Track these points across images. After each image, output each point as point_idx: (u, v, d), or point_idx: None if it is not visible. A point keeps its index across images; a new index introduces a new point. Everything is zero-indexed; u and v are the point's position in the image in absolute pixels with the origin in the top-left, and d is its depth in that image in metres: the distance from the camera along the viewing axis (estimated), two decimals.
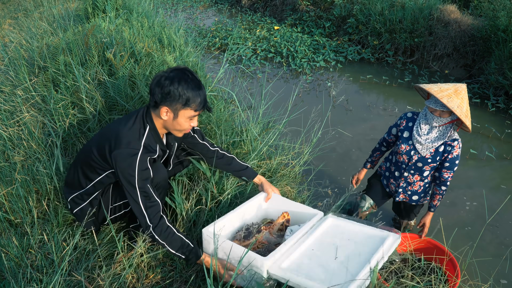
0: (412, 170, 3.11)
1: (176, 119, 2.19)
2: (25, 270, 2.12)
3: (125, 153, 2.12)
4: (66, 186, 2.46)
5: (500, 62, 6.06)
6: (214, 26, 9.26)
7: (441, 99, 2.70)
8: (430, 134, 2.94)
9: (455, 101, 2.71)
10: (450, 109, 2.69)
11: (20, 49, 4.11)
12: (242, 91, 4.14)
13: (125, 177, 2.12)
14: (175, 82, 2.11)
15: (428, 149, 2.97)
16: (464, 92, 2.79)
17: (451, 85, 2.81)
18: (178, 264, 2.34)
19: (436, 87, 2.80)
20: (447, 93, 2.73)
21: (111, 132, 2.22)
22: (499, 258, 3.34)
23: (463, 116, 2.71)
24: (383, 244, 2.17)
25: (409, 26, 7.24)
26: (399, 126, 3.15)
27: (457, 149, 2.92)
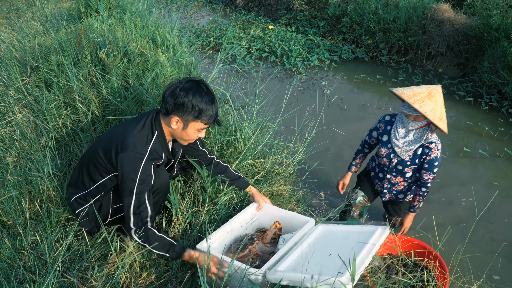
0: (394, 172, 3.14)
1: (185, 129, 2.21)
2: (18, 271, 2.11)
3: (131, 157, 2.13)
4: (70, 186, 2.46)
5: (493, 60, 6.09)
6: (208, 26, 9.24)
7: (413, 104, 2.70)
8: (407, 137, 2.94)
9: (428, 105, 2.71)
10: (423, 114, 2.69)
11: (12, 49, 4.08)
12: (236, 91, 4.13)
13: (126, 179, 2.13)
14: (189, 94, 2.12)
15: (406, 152, 2.98)
16: (439, 94, 2.78)
17: (425, 87, 2.81)
18: (173, 264, 2.33)
19: (409, 91, 2.79)
20: (420, 97, 2.72)
21: (118, 135, 2.22)
22: (492, 254, 3.36)
23: (437, 120, 2.71)
24: (373, 235, 2.24)
25: (403, 25, 7.26)
26: (379, 130, 3.17)
27: (435, 151, 2.92)
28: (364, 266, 2.01)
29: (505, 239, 3.60)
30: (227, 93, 3.48)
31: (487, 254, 3.37)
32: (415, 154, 2.98)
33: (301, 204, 3.23)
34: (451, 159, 4.71)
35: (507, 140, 5.01)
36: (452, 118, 5.57)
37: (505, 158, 4.70)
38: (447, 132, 2.80)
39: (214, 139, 3.12)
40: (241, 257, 2.31)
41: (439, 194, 4.15)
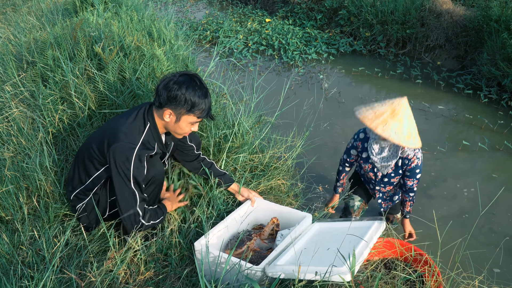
0: (382, 183, 3.15)
1: (178, 122, 2.24)
2: (16, 267, 2.10)
3: (123, 147, 2.14)
4: (67, 185, 2.47)
5: (492, 52, 6.07)
6: (205, 19, 9.19)
7: (376, 129, 2.60)
8: (382, 153, 2.92)
9: (392, 127, 2.59)
10: (387, 138, 2.60)
11: (8, 44, 4.05)
12: (234, 84, 4.11)
13: (120, 170, 2.14)
14: (183, 87, 2.15)
15: (386, 168, 2.97)
16: (404, 109, 2.65)
17: (388, 104, 2.68)
18: (172, 260, 2.32)
19: (371, 113, 2.68)
20: (382, 119, 2.62)
21: (110, 128, 2.25)
22: (493, 247, 3.36)
23: (404, 140, 2.60)
24: (369, 229, 2.26)
25: (401, 18, 7.22)
26: (357, 148, 3.14)
27: (415, 160, 2.90)
28: (362, 258, 2.02)
29: (507, 232, 3.60)
30: (225, 87, 3.46)
31: (488, 247, 3.37)
32: (396, 166, 2.98)
33: (299, 198, 3.22)
34: (450, 152, 4.71)
35: (507, 133, 5.01)
36: (451, 111, 5.56)
37: (504, 151, 4.69)
38: (420, 145, 2.72)
39: (211, 133, 3.10)
40: (239, 254, 2.31)
41: (440, 187, 4.15)
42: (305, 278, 1.93)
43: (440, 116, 5.47)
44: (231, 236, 2.56)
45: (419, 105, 5.70)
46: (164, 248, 2.39)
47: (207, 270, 2.24)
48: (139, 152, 2.17)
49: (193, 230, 2.46)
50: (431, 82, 6.36)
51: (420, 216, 3.52)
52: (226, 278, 2.15)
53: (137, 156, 2.16)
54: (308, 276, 1.93)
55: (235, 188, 2.74)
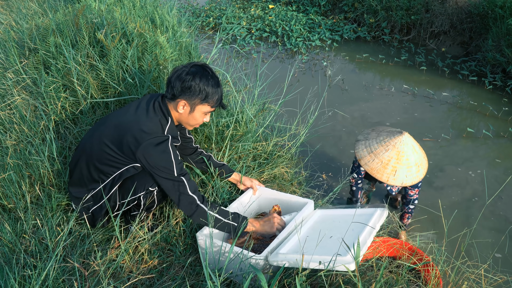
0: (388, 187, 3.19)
1: (192, 113, 2.25)
2: (19, 255, 2.10)
3: (156, 142, 2.13)
4: (74, 186, 2.39)
5: (497, 39, 6.00)
6: (208, 5, 9.11)
7: (387, 181, 2.69)
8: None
9: (402, 173, 2.68)
10: (400, 186, 2.71)
11: (10, 31, 4.02)
12: (237, 72, 4.08)
13: (161, 164, 2.13)
14: (196, 77, 2.16)
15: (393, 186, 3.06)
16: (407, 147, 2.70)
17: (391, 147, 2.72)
18: (176, 249, 2.32)
19: (377, 161, 2.72)
20: (390, 169, 2.68)
21: (130, 126, 2.18)
22: (499, 234, 3.34)
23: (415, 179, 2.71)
24: (372, 217, 2.25)
25: (405, 3, 7.14)
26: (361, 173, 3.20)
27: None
28: (366, 246, 2.01)
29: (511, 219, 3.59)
30: (228, 74, 3.43)
31: (494, 234, 3.36)
32: None
33: (303, 186, 3.22)
34: (454, 139, 4.68)
35: (511, 120, 4.97)
36: (456, 98, 5.52)
37: (509, 138, 4.66)
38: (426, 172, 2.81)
39: (215, 121, 3.08)
40: (241, 243, 2.30)
41: (445, 175, 4.13)
42: (309, 267, 1.93)
43: (445, 103, 5.42)
44: None
45: (423, 92, 5.66)
46: (169, 237, 2.39)
47: (211, 259, 2.23)
48: (171, 143, 2.18)
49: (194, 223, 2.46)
50: (436, 69, 6.30)
51: (425, 205, 3.51)
52: (229, 267, 2.15)
53: (172, 146, 2.17)
54: (312, 265, 1.93)
55: (236, 178, 2.73)
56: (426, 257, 2.37)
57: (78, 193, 2.36)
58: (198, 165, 2.71)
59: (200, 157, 2.69)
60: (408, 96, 5.59)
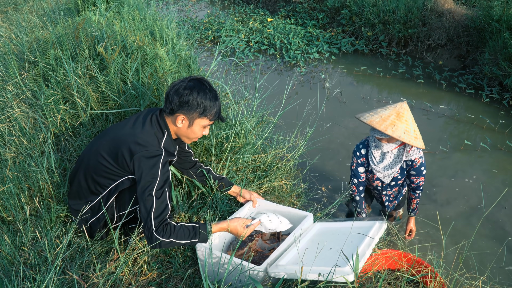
0: (389, 188, 3.17)
1: (191, 127, 2.25)
2: (18, 268, 2.09)
3: (148, 154, 2.13)
4: (73, 199, 2.39)
5: (494, 52, 6.06)
6: (207, 19, 9.18)
7: (386, 131, 2.65)
8: (384, 160, 2.93)
9: (400, 127, 2.66)
10: (398, 138, 2.65)
11: (10, 44, 4.05)
12: (236, 84, 4.10)
13: (145, 179, 2.11)
14: (194, 92, 2.17)
15: (389, 176, 2.99)
16: (407, 112, 2.73)
17: (392, 108, 2.75)
18: (175, 261, 2.31)
19: (377, 116, 2.73)
20: (390, 122, 2.68)
21: (126, 138, 2.19)
22: (497, 246, 3.35)
23: (413, 140, 2.67)
24: (371, 229, 2.25)
25: (402, 17, 7.21)
26: (364, 164, 3.13)
27: (419, 159, 2.94)
28: (365, 258, 2.02)
29: (510, 232, 3.58)
30: (227, 86, 3.45)
31: (492, 246, 3.36)
32: (401, 169, 3.01)
33: (301, 198, 3.22)
34: (452, 152, 4.70)
35: (508, 133, 4.99)
36: (453, 111, 5.55)
37: (506, 150, 4.68)
38: (424, 147, 2.78)
39: (214, 133, 3.10)
40: (241, 255, 2.30)
41: (443, 187, 4.14)
42: (308, 278, 1.93)
43: (442, 115, 5.45)
44: (233, 237, 2.56)
45: (421, 105, 5.69)
46: (168, 250, 2.38)
47: (210, 271, 2.23)
48: (165, 159, 2.17)
49: None
50: (433, 82, 6.34)
51: (423, 217, 3.51)
52: (228, 279, 2.15)
53: (163, 162, 2.16)
54: (311, 276, 1.93)
55: (235, 191, 2.74)
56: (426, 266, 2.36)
57: (76, 205, 2.36)
58: (198, 178, 2.72)
59: (200, 170, 2.70)
60: None
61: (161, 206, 2.12)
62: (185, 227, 2.15)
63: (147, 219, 2.09)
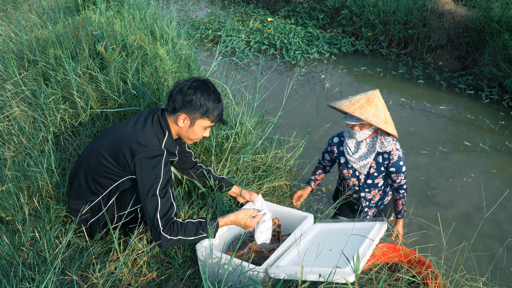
0: (366, 188, 3.04)
1: (192, 127, 2.25)
2: (17, 268, 2.08)
3: (150, 155, 2.12)
4: (73, 199, 2.38)
5: (494, 53, 6.06)
6: (207, 18, 9.17)
7: (354, 112, 2.63)
8: (359, 150, 2.87)
9: (369, 110, 2.64)
10: (366, 120, 2.61)
11: (9, 42, 4.04)
12: (236, 84, 4.09)
13: (147, 179, 2.10)
14: (198, 92, 2.17)
15: (365, 167, 2.90)
16: (378, 98, 2.71)
17: (363, 94, 2.74)
18: (175, 261, 2.31)
19: (346, 101, 2.72)
20: (359, 105, 2.66)
21: (127, 138, 2.18)
22: (497, 247, 3.34)
23: (382, 124, 2.64)
24: (372, 230, 2.24)
25: (403, 18, 7.21)
26: (333, 153, 3.06)
27: (396, 152, 2.84)
28: (365, 259, 2.01)
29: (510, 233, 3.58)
30: (227, 86, 3.45)
31: (492, 247, 3.35)
32: (377, 164, 2.90)
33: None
34: (451, 153, 4.69)
35: (508, 134, 4.99)
36: (453, 112, 5.55)
37: (506, 151, 4.68)
38: (397, 135, 2.73)
39: (214, 133, 3.09)
40: (241, 255, 2.30)
41: (443, 188, 4.14)
42: (308, 279, 1.92)
43: (442, 116, 5.45)
44: (232, 237, 2.55)
45: (420, 106, 5.69)
46: (167, 250, 2.38)
47: (210, 271, 2.22)
48: (166, 158, 2.16)
49: None
50: (433, 83, 6.34)
51: (423, 218, 3.51)
52: (228, 280, 2.14)
53: (165, 162, 2.15)
54: (311, 277, 1.92)
55: (236, 191, 2.73)
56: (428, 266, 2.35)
57: (76, 205, 2.35)
58: (198, 178, 2.71)
59: (200, 170, 2.69)
60: (406, 109, 5.62)
61: (166, 205, 2.12)
62: (192, 223, 2.15)
63: (153, 219, 2.08)
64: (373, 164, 2.89)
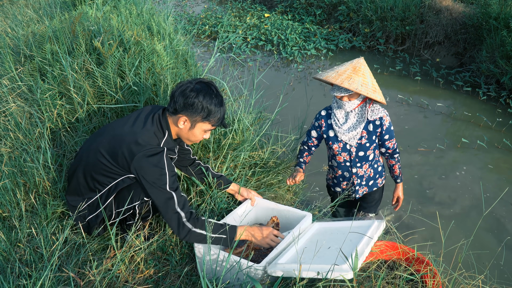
0: (358, 163, 2.94)
1: (192, 129, 2.23)
2: (14, 265, 2.07)
3: (150, 153, 2.11)
4: (71, 195, 2.38)
5: (491, 50, 6.06)
6: (204, 14, 9.14)
7: (342, 84, 2.57)
8: (348, 121, 2.81)
9: (357, 80, 2.58)
10: (354, 90, 2.56)
11: (6, 37, 4.01)
12: (233, 80, 4.08)
13: (155, 176, 2.10)
14: (200, 95, 2.15)
15: (354, 138, 2.83)
16: (364, 67, 2.66)
17: (348, 64, 2.68)
18: (172, 258, 2.30)
19: (333, 72, 2.66)
20: (346, 75, 2.60)
21: (126, 137, 2.17)
22: (495, 245, 3.35)
23: (371, 93, 2.59)
24: (370, 228, 2.24)
25: (400, 14, 7.20)
26: (321, 128, 2.98)
27: (386, 117, 2.81)
28: (364, 256, 2.01)
29: (509, 230, 3.59)
30: (224, 82, 3.43)
31: (491, 245, 3.36)
32: (369, 132, 2.82)
33: (299, 195, 3.21)
34: (449, 150, 4.70)
35: (505, 131, 5.00)
36: (450, 108, 5.55)
37: (503, 148, 4.69)
38: (385, 102, 2.69)
39: (211, 130, 3.08)
40: (239, 252, 2.29)
41: (440, 185, 4.14)
42: (306, 276, 1.92)
43: (439, 113, 5.46)
44: None
45: (417, 102, 5.69)
46: (165, 247, 2.37)
47: (208, 269, 2.22)
48: (166, 154, 2.16)
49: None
50: (430, 79, 6.35)
51: (421, 215, 3.51)
52: (226, 277, 2.13)
53: (167, 157, 2.15)
54: (309, 274, 1.92)
55: (234, 189, 2.71)
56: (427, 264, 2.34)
57: (74, 202, 2.34)
58: (196, 175, 2.70)
59: (198, 167, 2.68)
60: (403, 106, 5.62)
61: (181, 198, 2.14)
62: (214, 222, 2.18)
63: (173, 213, 2.10)
64: (364, 133, 2.83)
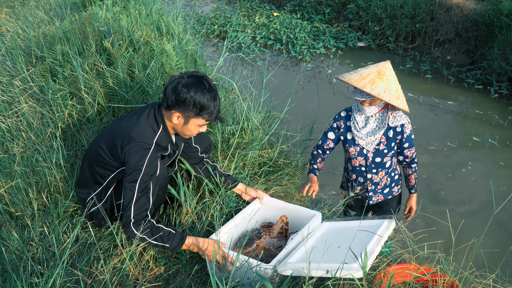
0: (374, 169, 2.86)
1: (186, 125, 2.21)
2: (26, 263, 2.10)
3: (137, 147, 2.13)
4: (79, 187, 2.43)
5: (503, 47, 6.00)
6: (213, 13, 9.16)
7: (364, 88, 2.47)
8: (367, 125, 2.72)
9: (380, 85, 2.48)
10: (376, 96, 2.47)
11: (17, 39, 4.05)
12: (242, 79, 4.09)
13: (131, 169, 2.11)
14: (191, 90, 2.10)
15: (372, 143, 2.74)
16: (389, 71, 2.56)
17: (373, 67, 2.58)
18: (183, 257, 2.31)
19: (356, 75, 2.56)
20: (369, 79, 2.50)
21: (122, 129, 2.22)
22: (507, 243, 3.33)
23: (394, 100, 2.50)
24: (380, 227, 2.22)
25: (410, 11, 7.15)
26: (339, 129, 2.89)
27: (408, 125, 2.72)
28: (374, 256, 2.00)
29: None
30: (233, 82, 3.44)
31: (502, 243, 3.33)
32: (388, 139, 2.74)
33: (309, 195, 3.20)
34: (460, 148, 4.66)
35: None
36: (461, 107, 5.51)
37: None
38: (408, 110, 2.59)
39: (220, 129, 3.09)
40: (248, 252, 2.30)
41: (451, 184, 4.12)
42: (316, 275, 1.92)
43: (450, 111, 5.42)
44: (240, 234, 2.55)
45: (428, 101, 5.65)
46: None
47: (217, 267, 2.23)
48: (153, 153, 2.16)
49: (204, 228, 2.45)
50: (441, 77, 6.30)
51: (432, 213, 3.49)
52: (235, 276, 2.14)
53: (152, 157, 2.14)
54: (319, 273, 1.92)
55: (241, 189, 2.71)
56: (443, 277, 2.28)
57: (82, 194, 2.41)
58: (204, 174, 2.70)
59: (206, 166, 2.68)
60: (414, 104, 5.59)
61: (142, 199, 2.11)
62: (163, 229, 2.13)
63: (127, 208, 2.09)
64: (383, 139, 2.74)
